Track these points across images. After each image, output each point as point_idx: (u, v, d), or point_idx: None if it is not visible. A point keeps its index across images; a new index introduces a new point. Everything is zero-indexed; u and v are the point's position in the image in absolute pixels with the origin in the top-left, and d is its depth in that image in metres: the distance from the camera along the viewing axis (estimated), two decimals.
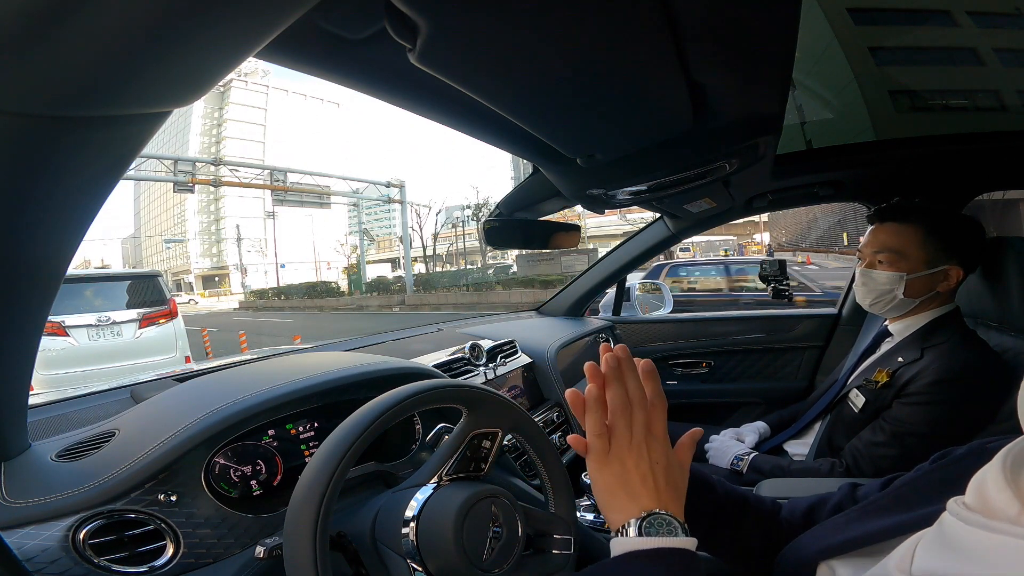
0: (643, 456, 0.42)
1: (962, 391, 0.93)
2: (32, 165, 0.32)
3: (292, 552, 0.44)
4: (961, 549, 0.32)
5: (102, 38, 0.24)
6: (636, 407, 0.43)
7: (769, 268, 1.82)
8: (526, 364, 1.40)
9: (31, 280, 0.43)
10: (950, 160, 1.20)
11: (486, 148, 20.45)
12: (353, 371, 0.79)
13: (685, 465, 0.45)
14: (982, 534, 0.31)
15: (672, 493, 0.42)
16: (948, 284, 1.00)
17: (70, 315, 4.20)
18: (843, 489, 0.58)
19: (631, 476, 0.42)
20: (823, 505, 0.58)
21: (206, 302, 41.64)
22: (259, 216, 48.76)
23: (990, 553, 0.30)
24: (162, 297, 4.78)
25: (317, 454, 0.48)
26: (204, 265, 58.36)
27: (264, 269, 47.65)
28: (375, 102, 1.67)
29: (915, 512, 0.43)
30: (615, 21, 0.41)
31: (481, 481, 0.58)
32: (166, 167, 13.85)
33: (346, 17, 0.38)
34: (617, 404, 0.43)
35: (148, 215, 65.08)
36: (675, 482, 0.43)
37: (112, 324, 4.41)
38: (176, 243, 57.24)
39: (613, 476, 0.42)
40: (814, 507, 0.58)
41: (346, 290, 26.44)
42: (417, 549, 0.51)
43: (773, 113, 0.71)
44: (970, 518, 0.32)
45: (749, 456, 1.20)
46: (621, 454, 0.42)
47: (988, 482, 0.32)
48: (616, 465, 0.42)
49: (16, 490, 0.55)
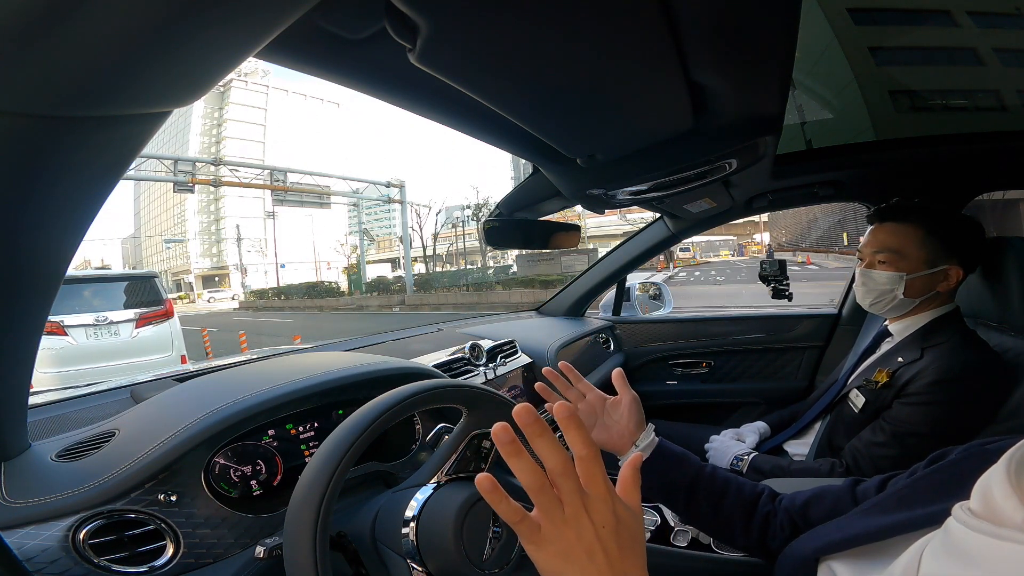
0: (584, 526, 0.34)
1: (962, 391, 0.93)
2: (32, 165, 0.32)
3: (292, 552, 0.44)
4: (968, 557, 0.32)
5: (102, 38, 0.24)
6: (559, 477, 0.34)
7: (769, 268, 1.82)
8: (526, 364, 1.40)
9: (31, 280, 0.43)
10: (950, 160, 1.20)
11: (486, 148, 20.48)
12: (353, 371, 0.79)
13: (636, 507, 0.37)
14: (990, 541, 0.30)
15: (629, 555, 0.35)
16: (948, 284, 1.00)
17: (68, 315, 4.27)
18: (845, 484, 0.59)
19: (575, 554, 0.34)
20: (823, 498, 0.59)
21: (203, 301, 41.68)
22: (259, 216, 48.73)
23: (998, 561, 0.30)
24: (158, 297, 4.82)
25: (317, 454, 0.48)
26: (204, 265, 58.31)
27: (264, 269, 47.62)
28: (375, 102, 1.66)
29: (915, 511, 0.43)
30: (615, 21, 0.41)
31: None
32: (166, 167, 13.86)
33: (346, 17, 0.38)
34: (533, 484, 0.34)
35: (148, 215, 65.10)
36: (630, 539, 0.36)
37: (109, 324, 4.47)
38: (176, 243, 57.21)
39: (555, 557, 0.34)
40: (813, 500, 0.60)
41: (346, 290, 26.42)
42: (417, 549, 0.51)
43: (773, 113, 0.71)
44: (977, 525, 0.32)
45: (749, 456, 1.20)
46: (557, 532, 0.34)
47: (993, 488, 0.32)
48: (555, 545, 0.34)
49: (16, 490, 0.55)
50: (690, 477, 0.64)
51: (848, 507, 0.55)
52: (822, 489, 0.61)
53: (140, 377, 0.98)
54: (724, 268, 27.24)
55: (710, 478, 0.64)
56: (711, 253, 39.27)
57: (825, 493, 0.59)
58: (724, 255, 38.71)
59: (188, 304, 41.05)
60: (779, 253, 31.83)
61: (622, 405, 0.68)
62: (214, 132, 55.99)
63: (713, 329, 1.89)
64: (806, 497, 0.60)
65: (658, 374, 1.92)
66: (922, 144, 1.16)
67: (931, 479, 0.46)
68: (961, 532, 0.33)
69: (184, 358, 4.88)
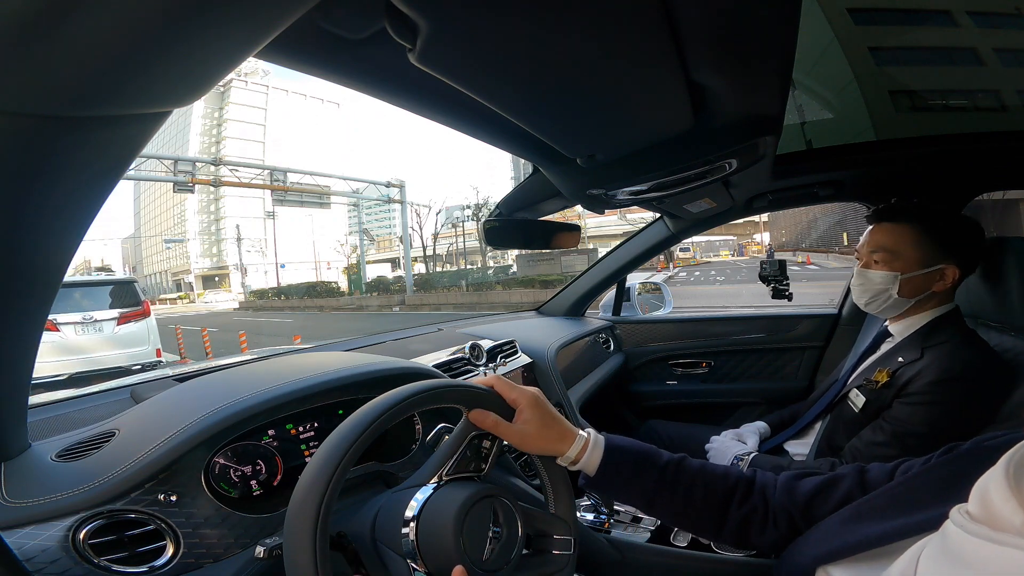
0: None
1: (962, 391, 0.93)
2: (32, 165, 0.32)
3: (292, 552, 0.44)
4: (966, 561, 0.32)
5: (102, 38, 0.24)
6: None
7: (769, 268, 1.82)
8: (526, 364, 1.40)
9: (31, 279, 0.43)
10: (950, 160, 1.20)
11: (486, 148, 20.38)
12: (353, 371, 0.79)
13: None
14: (987, 546, 0.30)
15: None
16: (944, 284, 1.00)
17: (60, 314, 5.17)
18: (852, 475, 0.57)
19: None
20: (830, 494, 0.57)
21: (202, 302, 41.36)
22: (259, 216, 48.64)
23: (995, 566, 0.29)
24: (137, 299, 5.84)
25: (317, 454, 0.48)
26: (204, 265, 58.14)
27: (264, 269, 47.55)
28: (375, 102, 1.66)
29: (913, 517, 0.42)
30: (615, 21, 0.41)
31: (481, 481, 0.58)
32: (166, 167, 13.86)
33: (346, 17, 0.38)
34: None
35: (148, 215, 64.95)
36: None
37: (95, 322, 5.44)
38: (176, 243, 57.11)
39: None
40: (818, 495, 0.58)
41: (346, 290, 26.37)
42: (417, 549, 0.51)
43: (773, 113, 0.71)
44: (975, 530, 0.31)
45: (749, 456, 1.20)
46: None
47: (991, 491, 0.31)
48: None
49: (16, 490, 0.55)
50: (649, 489, 0.60)
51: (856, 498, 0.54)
52: (829, 482, 0.58)
53: (140, 377, 0.98)
54: (724, 268, 27.23)
55: (672, 481, 0.60)
56: (711, 253, 39.26)
57: (832, 488, 0.57)
58: (724, 255, 38.68)
59: (188, 304, 40.58)
60: (779, 253, 31.82)
61: (521, 411, 0.60)
62: (214, 132, 55.87)
63: (713, 329, 1.89)
64: (809, 492, 0.58)
65: (658, 374, 1.92)
66: (922, 144, 1.16)
67: (932, 475, 0.46)
68: (959, 536, 0.33)
69: (159, 351, 5.89)
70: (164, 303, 41.03)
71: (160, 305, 37.49)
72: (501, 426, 0.58)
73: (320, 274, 46.58)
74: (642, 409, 1.92)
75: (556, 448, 0.60)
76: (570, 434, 0.61)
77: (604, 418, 1.62)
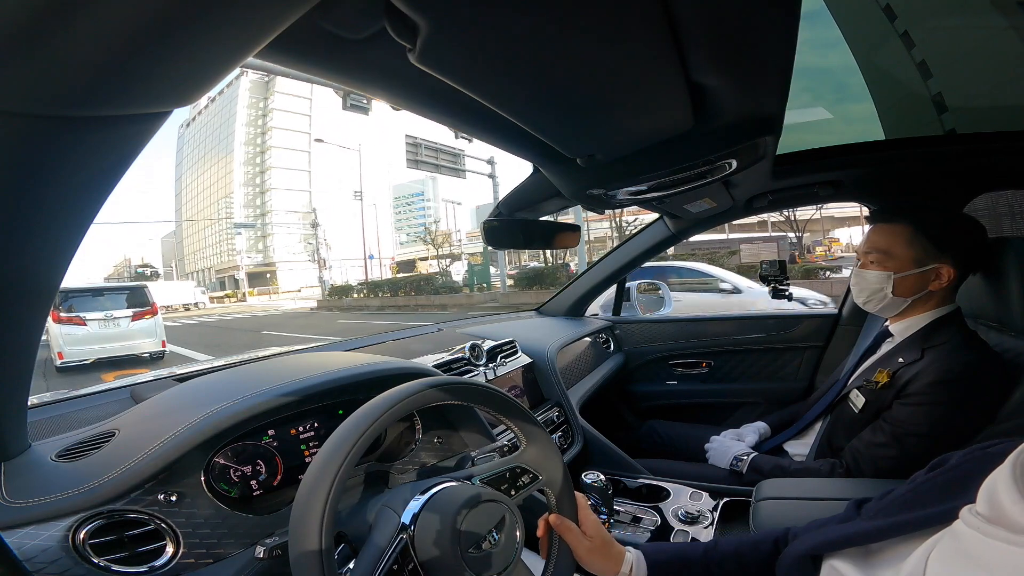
0: None
1: (962, 392, 0.92)
2: (32, 165, 0.32)
3: (298, 547, 0.44)
4: (982, 562, 0.32)
5: (102, 38, 0.24)
6: None
7: (769, 268, 1.81)
8: (526, 364, 1.40)
9: (31, 279, 0.43)
10: (950, 160, 1.20)
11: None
12: (353, 371, 0.79)
13: None
14: (1005, 548, 0.30)
15: None
16: (940, 283, 1.00)
17: (87, 312, 7.30)
18: (848, 510, 0.57)
19: None
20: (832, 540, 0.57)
21: (254, 300, 38.22)
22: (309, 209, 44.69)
23: (1012, 568, 0.29)
24: (148, 301, 7.93)
25: (322, 450, 0.48)
26: (254, 261, 55.22)
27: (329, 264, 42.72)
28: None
29: (918, 512, 0.42)
30: (615, 21, 0.41)
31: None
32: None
33: (346, 17, 0.38)
34: None
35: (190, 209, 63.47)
36: None
37: (114, 318, 7.50)
38: (247, 228, 53.35)
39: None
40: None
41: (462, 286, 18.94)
42: (415, 551, 0.51)
43: (773, 113, 0.71)
44: (992, 531, 0.31)
45: (749, 456, 1.20)
46: None
47: (1000, 492, 0.31)
48: None
49: (16, 490, 0.55)
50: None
51: None
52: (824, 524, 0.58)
53: (140, 377, 0.98)
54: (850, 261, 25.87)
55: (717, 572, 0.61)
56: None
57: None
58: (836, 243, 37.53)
59: (236, 303, 36.14)
60: None
61: (586, 527, 0.64)
62: (259, 123, 55.08)
63: (713, 329, 1.89)
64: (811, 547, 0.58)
65: (658, 374, 1.92)
66: (922, 144, 1.16)
67: (931, 484, 0.46)
68: (973, 537, 0.33)
69: (164, 343, 7.97)
70: (212, 301, 37.48)
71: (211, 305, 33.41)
72: (573, 531, 0.61)
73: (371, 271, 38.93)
74: (642, 409, 1.92)
75: (612, 567, 0.62)
76: (621, 554, 0.63)
77: (604, 418, 1.62)
